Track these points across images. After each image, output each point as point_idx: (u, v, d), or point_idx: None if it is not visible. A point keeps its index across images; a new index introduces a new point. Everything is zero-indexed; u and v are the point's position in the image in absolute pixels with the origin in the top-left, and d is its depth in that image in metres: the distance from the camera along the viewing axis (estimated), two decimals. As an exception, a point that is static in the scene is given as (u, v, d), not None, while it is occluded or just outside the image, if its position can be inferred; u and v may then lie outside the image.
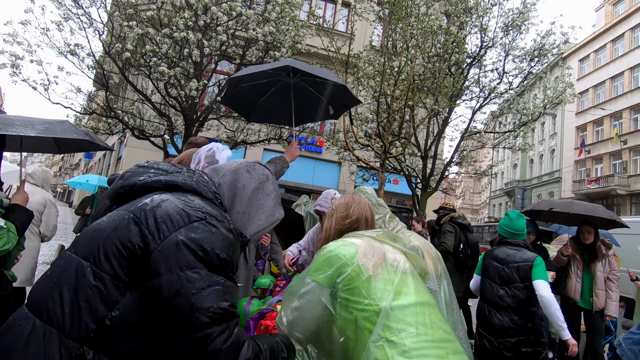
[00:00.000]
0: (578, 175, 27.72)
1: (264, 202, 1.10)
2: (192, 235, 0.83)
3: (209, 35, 6.21)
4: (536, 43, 8.31)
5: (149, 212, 0.86)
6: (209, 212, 0.91)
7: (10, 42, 5.66)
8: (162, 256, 0.81)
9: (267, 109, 3.14)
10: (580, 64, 28.90)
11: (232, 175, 1.08)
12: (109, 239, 0.84)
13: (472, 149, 10.46)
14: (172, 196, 0.92)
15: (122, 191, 0.98)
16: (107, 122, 8.20)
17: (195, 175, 1.03)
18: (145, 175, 0.99)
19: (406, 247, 1.35)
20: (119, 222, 0.86)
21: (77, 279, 0.81)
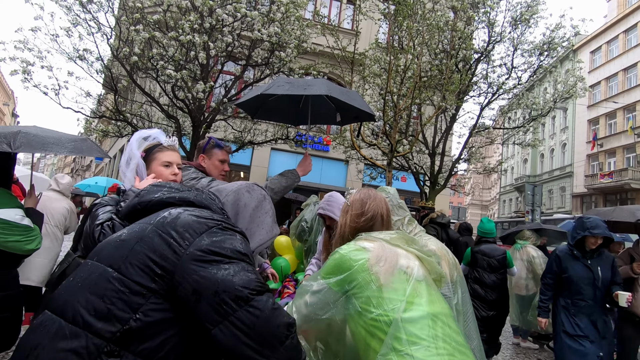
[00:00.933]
0: (590, 170, 27.21)
1: (263, 219, 1.23)
2: (213, 239, 0.94)
3: (214, 37, 6.25)
4: (545, 37, 8.16)
5: (169, 223, 0.96)
6: (223, 220, 1.02)
7: (21, 49, 5.77)
8: (192, 258, 0.90)
9: (273, 107, 3.13)
10: (591, 56, 28.29)
11: (234, 195, 1.21)
12: (135, 249, 0.92)
13: (480, 145, 10.35)
14: (187, 209, 1.03)
15: (139, 207, 1.08)
16: (116, 124, 8.31)
17: (204, 194, 1.14)
18: (160, 193, 1.09)
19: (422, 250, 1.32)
20: (142, 233, 0.95)
21: (103, 284, 0.88)
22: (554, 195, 30.45)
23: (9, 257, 2.06)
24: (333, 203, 2.77)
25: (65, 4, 6.00)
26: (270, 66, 7.25)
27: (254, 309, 0.88)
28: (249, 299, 0.88)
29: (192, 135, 7.35)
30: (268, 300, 0.91)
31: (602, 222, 3.15)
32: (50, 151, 1.97)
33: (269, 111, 3.20)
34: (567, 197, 28.91)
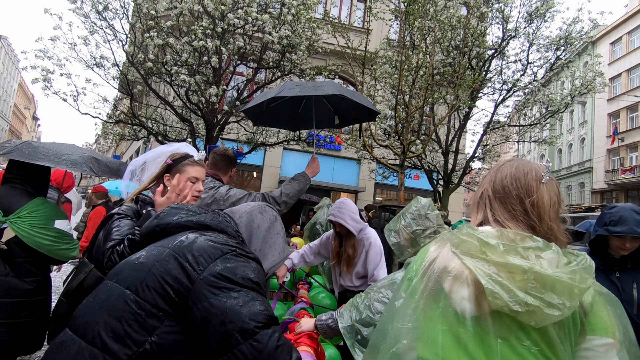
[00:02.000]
0: (611, 165, 26.40)
1: (275, 240, 1.24)
2: (227, 265, 0.96)
3: (226, 41, 6.32)
4: (562, 31, 7.95)
5: (186, 248, 0.98)
6: (237, 246, 1.04)
7: (41, 58, 5.96)
8: (206, 283, 0.92)
9: (274, 113, 3.18)
10: (611, 48, 27.38)
11: (247, 216, 1.22)
12: (151, 272, 0.95)
13: (495, 143, 10.17)
14: (204, 234, 1.05)
15: (158, 229, 1.11)
16: (132, 128, 8.50)
17: (220, 217, 1.16)
18: (177, 216, 1.12)
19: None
20: (159, 256, 0.98)
21: (120, 306, 0.91)
22: (573, 192, 29.68)
23: (49, 264, 2.20)
24: (344, 210, 2.79)
25: (82, 12, 6.17)
26: (282, 68, 7.29)
27: (257, 343, 0.88)
28: (254, 333, 0.89)
29: (206, 138, 7.46)
30: (274, 335, 0.91)
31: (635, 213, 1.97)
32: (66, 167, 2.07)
33: (270, 118, 3.26)
34: (587, 193, 28.14)
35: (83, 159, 2.23)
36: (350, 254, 2.79)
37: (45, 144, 2.18)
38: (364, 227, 2.84)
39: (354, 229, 2.74)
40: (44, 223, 2.03)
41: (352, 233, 2.75)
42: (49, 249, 2.05)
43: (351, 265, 2.82)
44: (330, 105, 3.14)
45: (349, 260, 2.79)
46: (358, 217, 2.82)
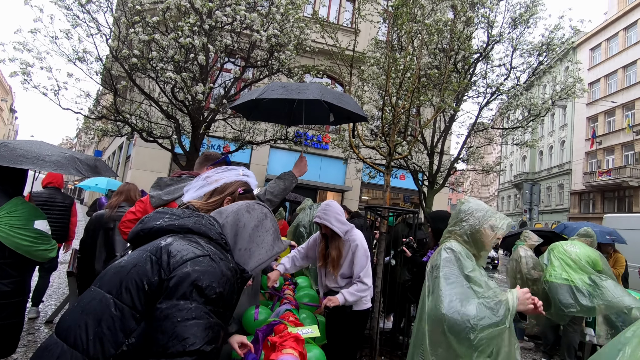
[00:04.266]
0: (589, 167, 27.27)
1: (264, 237, 1.23)
2: (196, 268, 0.97)
3: (213, 38, 6.24)
4: (544, 37, 8.16)
5: (163, 249, 1.02)
6: (213, 251, 1.06)
7: (20, 50, 5.76)
8: (168, 285, 0.95)
9: (267, 107, 3.18)
10: (591, 53, 28.23)
11: (234, 216, 1.22)
12: (130, 274, 0.97)
13: (479, 145, 10.38)
14: (183, 237, 1.08)
15: (142, 234, 1.14)
16: (115, 124, 8.32)
17: (204, 219, 1.17)
18: (161, 220, 1.14)
19: None
20: (138, 259, 1.01)
21: (101, 310, 0.94)
22: (553, 193, 30.55)
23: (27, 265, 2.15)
24: (330, 212, 2.84)
25: (64, 4, 5.99)
26: (270, 67, 7.26)
27: None
28: (173, 355, 0.88)
29: (192, 135, 7.37)
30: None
31: None
32: (23, 166, 2.01)
33: (264, 112, 3.26)
34: (566, 194, 29.00)
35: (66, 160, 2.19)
36: (334, 256, 2.83)
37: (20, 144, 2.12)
38: (350, 229, 2.88)
39: (339, 231, 2.78)
40: (23, 223, 1.99)
41: (337, 234, 2.79)
42: (27, 250, 2.02)
43: (337, 267, 2.85)
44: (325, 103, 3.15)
45: (334, 262, 2.83)
46: (344, 218, 2.87)
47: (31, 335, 3.91)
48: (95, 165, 2.60)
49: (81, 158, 2.35)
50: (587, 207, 27.16)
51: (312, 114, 3.19)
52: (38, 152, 2.05)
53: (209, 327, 0.94)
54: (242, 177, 1.72)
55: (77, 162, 2.25)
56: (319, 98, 2.46)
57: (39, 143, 2.32)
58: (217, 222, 1.20)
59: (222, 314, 1.00)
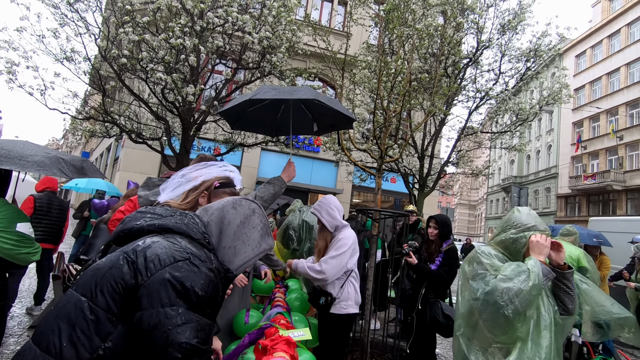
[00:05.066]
0: (575, 171, 27.84)
1: (250, 235, 1.17)
2: (175, 274, 0.93)
3: (205, 40, 6.21)
4: (532, 44, 8.34)
5: (140, 252, 0.97)
6: (194, 252, 1.01)
7: (5, 49, 5.64)
8: (147, 291, 0.91)
9: (252, 118, 3.18)
10: (576, 60, 28.91)
11: (219, 212, 1.17)
12: (105, 277, 0.94)
13: (468, 149, 10.51)
14: (163, 238, 1.03)
15: (122, 234, 1.10)
16: (104, 125, 8.19)
17: (187, 218, 1.13)
18: (142, 220, 1.10)
19: None
20: (115, 262, 0.97)
21: (75, 313, 0.90)
22: (540, 196, 31.08)
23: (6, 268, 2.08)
24: (323, 205, 2.86)
25: (52, 2, 5.88)
26: (262, 69, 7.24)
27: None
28: None
29: (182, 137, 7.30)
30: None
31: None
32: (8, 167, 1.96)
33: (248, 121, 3.26)
34: (552, 197, 29.53)
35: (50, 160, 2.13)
36: (321, 247, 2.83)
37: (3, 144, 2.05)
38: (342, 227, 2.84)
39: (327, 224, 2.80)
40: (4, 226, 1.93)
41: (326, 227, 2.79)
42: (9, 253, 1.95)
43: (321, 257, 2.84)
44: (308, 112, 3.17)
45: (319, 252, 2.82)
46: (336, 214, 2.85)
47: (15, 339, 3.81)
48: (82, 166, 2.55)
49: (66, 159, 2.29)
50: (573, 210, 27.69)
51: (296, 125, 3.20)
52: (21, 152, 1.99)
53: (200, 328, 0.93)
54: (225, 172, 1.64)
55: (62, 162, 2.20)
56: (313, 97, 2.48)
57: (24, 143, 2.26)
58: (202, 220, 1.15)
59: (209, 315, 0.99)
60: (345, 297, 2.76)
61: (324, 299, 2.73)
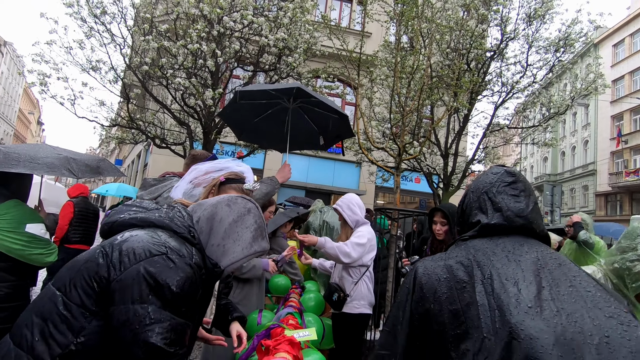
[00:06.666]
0: (615, 167, 26.19)
1: (242, 234, 1.12)
2: (150, 269, 0.89)
3: (222, 45, 6.31)
4: (561, 33, 7.89)
5: (116, 245, 0.95)
6: (172, 247, 0.97)
7: (38, 62, 5.97)
8: (119, 286, 0.88)
9: (259, 129, 3.21)
10: (614, 50, 27.26)
11: (212, 208, 1.12)
12: (80, 271, 0.92)
13: (495, 145, 10.10)
14: (142, 232, 1.00)
15: (106, 227, 1.07)
16: (131, 132, 8.51)
17: (173, 212, 1.09)
18: (125, 213, 1.07)
19: None
20: (91, 255, 0.95)
21: (49, 308, 0.89)
22: (577, 195, 29.45)
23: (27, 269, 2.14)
24: (345, 200, 2.90)
25: (80, 16, 6.19)
26: (278, 71, 7.27)
27: None
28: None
29: (204, 141, 7.46)
30: None
31: None
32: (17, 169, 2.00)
33: (255, 134, 3.28)
34: (591, 196, 27.91)
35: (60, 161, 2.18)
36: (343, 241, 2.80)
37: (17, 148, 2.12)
38: (363, 223, 2.82)
39: (348, 218, 2.81)
40: (13, 227, 1.97)
41: (347, 222, 2.81)
42: (20, 254, 2.00)
43: None
44: (313, 124, 3.16)
45: None
46: (357, 210, 2.85)
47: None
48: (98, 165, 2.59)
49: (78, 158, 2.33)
50: (614, 209, 26.02)
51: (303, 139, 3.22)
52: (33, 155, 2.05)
53: (171, 328, 0.89)
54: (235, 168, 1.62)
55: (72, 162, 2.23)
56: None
57: (39, 146, 2.33)
58: (190, 214, 1.11)
59: (185, 313, 0.94)
60: (358, 296, 2.71)
61: (337, 295, 2.71)
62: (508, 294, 0.84)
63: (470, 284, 0.89)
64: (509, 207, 1.01)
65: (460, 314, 0.87)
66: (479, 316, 0.83)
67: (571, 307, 0.82)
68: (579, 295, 0.85)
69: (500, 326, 0.80)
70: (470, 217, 1.05)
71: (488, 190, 1.05)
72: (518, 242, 0.98)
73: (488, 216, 1.02)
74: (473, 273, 0.90)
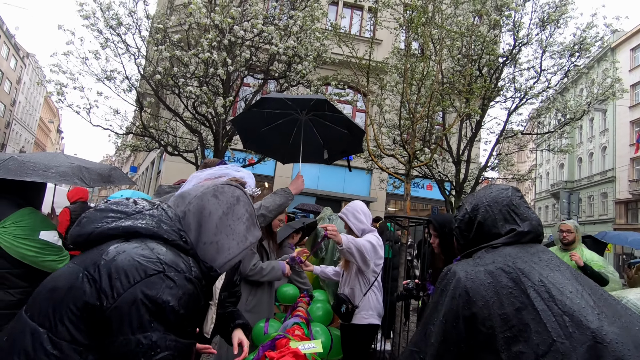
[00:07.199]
0: (635, 174, 25.41)
1: (235, 227, 1.02)
2: (148, 292, 0.79)
3: (233, 53, 6.40)
4: (576, 37, 7.73)
5: (102, 267, 0.81)
6: (168, 262, 0.85)
7: (56, 72, 6.16)
8: (116, 315, 0.77)
9: (265, 138, 3.20)
10: (632, 54, 26.65)
11: (197, 201, 1.00)
12: (64, 301, 0.80)
13: (509, 152, 9.90)
14: (130, 246, 0.86)
15: (80, 240, 0.91)
16: (144, 139, 8.67)
17: (158, 213, 0.96)
18: (103, 221, 0.91)
19: None
20: (74, 280, 0.81)
21: (33, 347, 0.77)
22: (595, 202, 28.62)
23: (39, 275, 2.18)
24: (350, 208, 2.82)
25: (97, 27, 6.37)
26: (288, 79, 7.33)
27: None
28: None
29: (215, 149, 7.53)
30: None
31: None
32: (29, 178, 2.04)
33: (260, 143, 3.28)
34: (610, 203, 27.09)
35: (72, 170, 2.22)
36: None
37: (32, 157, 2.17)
38: (369, 231, 2.75)
39: (354, 227, 2.74)
40: (27, 234, 2.00)
41: (352, 231, 2.74)
42: (33, 260, 2.03)
43: (348, 266, 2.76)
44: (320, 137, 3.15)
45: (346, 259, 2.73)
46: (363, 217, 2.77)
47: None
48: (109, 174, 2.63)
49: (91, 168, 2.37)
50: (634, 217, 25.16)
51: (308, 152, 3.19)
52: (47, 164, 2.09)
53: (178, 354, 0.81)
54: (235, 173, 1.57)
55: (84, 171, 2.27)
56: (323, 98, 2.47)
57: (53, 155, 2.38)
58: (176, 214, 0.98)
59: (189, 333, 0.87)
60: (366, 307, 2.65)
61: (345, 306, 2.65)
62: (572, 300, 0.91)
63: (518, 289, 0.95)
64: (532, 217, 1.14)
65: (509, 318, 0.92)
66: (541, 321, 0.89)
67: (614, 312, 0.92)
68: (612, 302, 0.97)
69: (576, 330, 0.86)
70: (493, 228, 1.12)
71: (509, 203, 1.15)
72: (543, 250, 1.08)
73: (520, 225, 1.11)
74: (520, 280, 0.96)
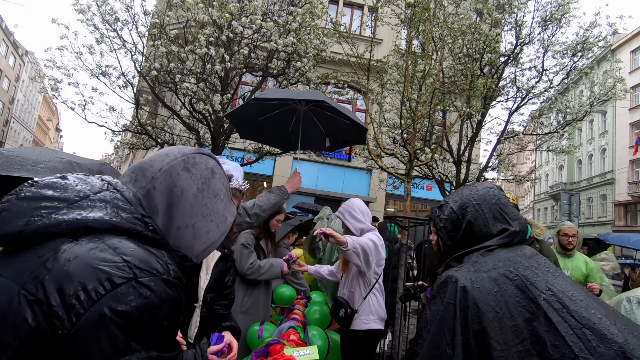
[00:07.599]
0: (634, 176, 25.39)
1: (212, 206, 0.83)
2: (117, 308, 0.60)
3: (231, 50, 6.29)
4: (579, 37, 7.66)
5: (48, 282, 0.59)
6: (138, 263, 0.65)
7: (50, 67, 6.04)
8: (78, 342, 0.58)
9: (262, 127, 3.10)
10: (632, 55, 26.63)
11: (164, 177, 0.78)
12: (2, 340, 0.58)
13: (509, 152, 9.82)
14: (82, 248, 0.63)
15: (6, 241, 0.65)
16: (141, 137, 8.55)
17: (110, 197, 0.71)
18: (35, 215, 0.65)
19: None
20: (8, 305, 0.59)
21: None
22: (594, 204, 28.60)
23: None
24: (346, 207, 2.66)
25: (92, 22, 6.26)
26: (287, 76, 7.22)
27: None
28: None
29: (212, 147, 7.42)
30: None
31: None
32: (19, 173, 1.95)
33: (257, 130, 3.17)
34: (609, 205, 27.06)
35: (63, 165, 2.12)
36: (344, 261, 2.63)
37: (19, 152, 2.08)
38: (369, 230, 2.61)
39: (351, 227, 2.60)
40: None
41: (350, 230, 2.60)
42: None
43: (346, 268, 2.64)
44: (321, 125, 3.04)
45: (344, 260, 2.61)
46: (360, 216, 2.62)
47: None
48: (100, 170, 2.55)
49: (81, 163, 2.29)
50: (634, 219, 25.14)
51: (308, 139, 3.08)
52: (35, 159, 1.99)
53: None
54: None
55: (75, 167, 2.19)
56: (322, 99, 2.34)
57: (41, 150, 2.28)
58: (135, 195, 0.74)
59: (171, 343, 0.73)
60: (366, 311, 2.52)
61: (344, 311, 2.51)
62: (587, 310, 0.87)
63: (526, 298, 0.90)
64: (519, 216, 1.12)
65: (520, 330, 0.87)
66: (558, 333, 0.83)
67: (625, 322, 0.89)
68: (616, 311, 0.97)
69: (600, 345, 0.81)
70: (484, 227, 1.07)
71: (497, 202, 1.11)
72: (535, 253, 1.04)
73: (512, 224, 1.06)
74: (527, 287, 0.91)
